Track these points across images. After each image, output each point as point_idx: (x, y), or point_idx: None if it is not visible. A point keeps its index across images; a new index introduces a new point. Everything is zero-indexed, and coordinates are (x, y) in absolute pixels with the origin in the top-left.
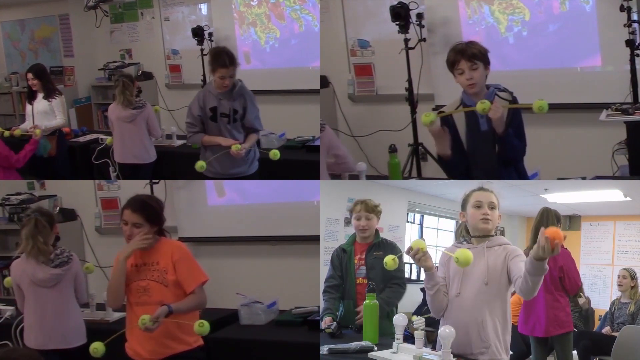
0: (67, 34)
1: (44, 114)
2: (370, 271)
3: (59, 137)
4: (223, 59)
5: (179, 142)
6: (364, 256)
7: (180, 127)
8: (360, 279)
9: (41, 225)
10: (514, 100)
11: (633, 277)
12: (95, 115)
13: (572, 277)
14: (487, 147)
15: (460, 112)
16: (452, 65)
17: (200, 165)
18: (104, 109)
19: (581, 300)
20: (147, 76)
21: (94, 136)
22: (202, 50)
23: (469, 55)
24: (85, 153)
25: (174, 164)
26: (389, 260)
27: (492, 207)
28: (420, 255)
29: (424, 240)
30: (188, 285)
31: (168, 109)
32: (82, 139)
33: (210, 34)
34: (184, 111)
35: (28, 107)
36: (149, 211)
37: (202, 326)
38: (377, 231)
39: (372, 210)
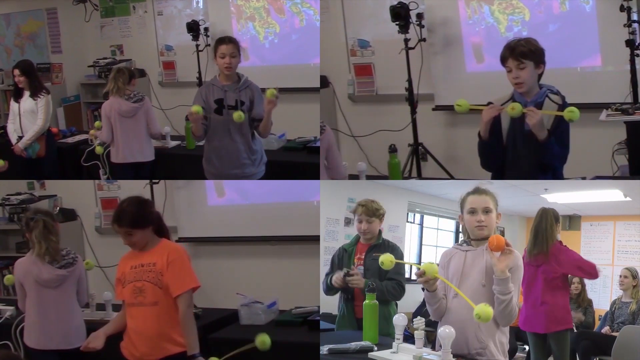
0: (54, 29)
1: (31, 113)
2: (366, 272)
3: (48, 138)
4: (223, 38)
5: (174, 143)
6: (363, 256)
7: (175, 127)
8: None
9: (50, 225)
10: (564, 105)
11: (635, 276)
12: (84, 114)
13: (586, 265)
14: (526, 148)
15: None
16: (502, 61)
17: (196, 109)
18: (94, 108)
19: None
20: (140, 73)
21: (83, 137)
22: (197, 46)
23: (517, 54)
24: (74, 154)
25: (169, 165)
26: (386, 260)
27: (486, 211)
28: (432, 282)
29: (436, 265)
30: (175, 289)
31: (161, 108)
32: (70, 139)
33: (206, 29)
34: (178, 110)
35: (14, 105)
36: (135, 220)
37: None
38: (380, 232)
39: (372, 213)
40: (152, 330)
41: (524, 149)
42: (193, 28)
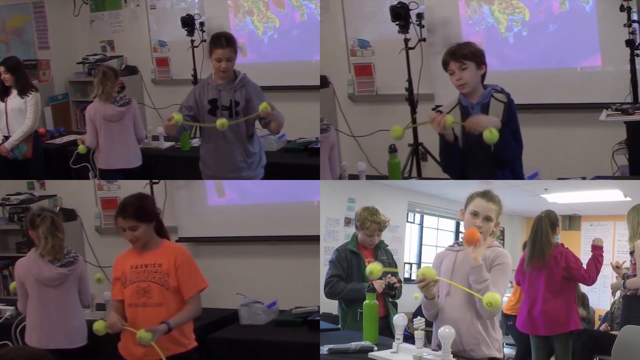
0: (42, 23)
1: (19, 112)
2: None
3: (35, 138)
4: (220, 39)
5: (167, 144)
6: (372, 260)
7: None
8: (373, 281)
9: (57, 222)
10: (509, 102)
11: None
12: (73, 114)
13: (577, 269)
14: (482, 148)
15: (456, 111)
16: (444, 66)
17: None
18: (83, 107)
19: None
20: (132, 70)
21: (71, 137)
22: (192, 41)
23: (458, 56)
24: (62, 156)
25: (164, 167)
26: (375, 270)
27: (487, 219)
28: (431, 286)
29: (434, 270)
30: (187, 291)
31: (155, 107)
32: (58, 140)
33: (201, 24)
34: (172, 110)
35: (0, 104)
36: (140, 212)
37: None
38: None
39: (384, 228)
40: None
41: (478, 148)
42: (188, 23)
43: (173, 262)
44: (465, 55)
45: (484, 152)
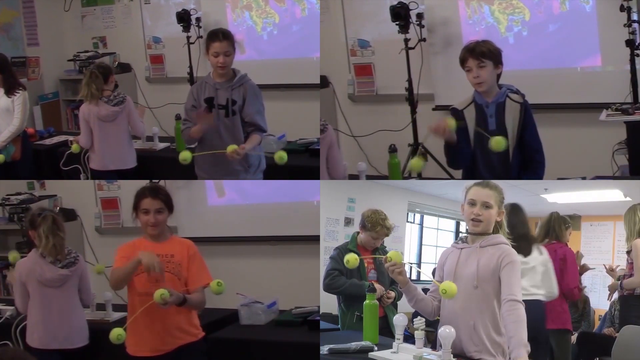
0: (31, 19)
1: (6, 112)
2: (380, 275)
3: (24, 139)
4: (216, 33)
5: (162, 145)
6: (372, 261)
7: (163, 127)
8: (373, 282)
9: (58, 222)
10: (525, 103)
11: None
12: (63, 113)
13: (568, 276)
14: (497, 152)
15: (471, 109)
16: (461, 62)
17: (183, 157)
18: (74, 107)
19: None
20: (125, 68)
21: (62, 138)
22: (188, 38)
23: (477, 54)
24: (52, 157)
25: (157, 169)
26: (352, 258)
27: (486, 206)
28: (397, 269)
29: (401, 254)
30: (195, 282)
31: (149, 107)
32: (48, 141)
33: (197, 19)
34: (167, 109)
35: None
36: (166, 195)
37: (220, 285)
38: None
39: (390, 234)
40: (166, 321)
41: (488, 147)
42: (184, 18)
43: (186, 253)
44: (484, 53)
45: (498, 155)
